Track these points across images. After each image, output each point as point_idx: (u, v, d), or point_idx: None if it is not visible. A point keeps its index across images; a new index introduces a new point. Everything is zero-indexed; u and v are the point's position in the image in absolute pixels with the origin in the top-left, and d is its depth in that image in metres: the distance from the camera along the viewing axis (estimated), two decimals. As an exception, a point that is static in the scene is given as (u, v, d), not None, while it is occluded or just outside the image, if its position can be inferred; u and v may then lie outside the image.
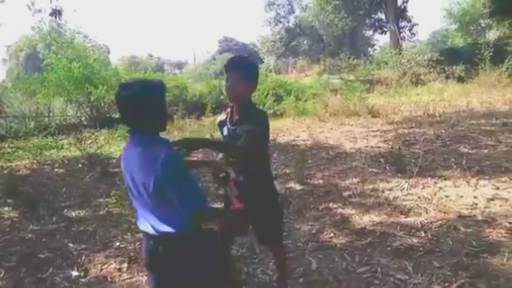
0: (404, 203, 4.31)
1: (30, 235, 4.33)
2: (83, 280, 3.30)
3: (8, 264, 3.66)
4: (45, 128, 10.18)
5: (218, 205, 4.37)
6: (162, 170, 1.73)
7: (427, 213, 4.02)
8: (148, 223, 1.89)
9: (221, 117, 2.55)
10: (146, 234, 1.92)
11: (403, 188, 4.75)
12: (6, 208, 5.25)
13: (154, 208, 1.85)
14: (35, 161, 7.76)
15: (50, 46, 15.28)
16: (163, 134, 1.95)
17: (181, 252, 1.87)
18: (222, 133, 2.49)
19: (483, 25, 25.46)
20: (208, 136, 8.73)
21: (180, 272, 1.88)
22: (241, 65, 2.36)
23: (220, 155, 2.50)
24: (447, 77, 15.81)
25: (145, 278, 3.24)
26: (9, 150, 8.77)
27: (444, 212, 3.98)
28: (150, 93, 1.83)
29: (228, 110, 2.49)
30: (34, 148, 8.61)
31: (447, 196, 4.39)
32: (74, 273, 3.41)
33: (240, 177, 2.31)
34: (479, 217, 3.78)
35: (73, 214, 4.91)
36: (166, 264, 1.90)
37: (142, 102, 1.79)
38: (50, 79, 12.24)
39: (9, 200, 5.50)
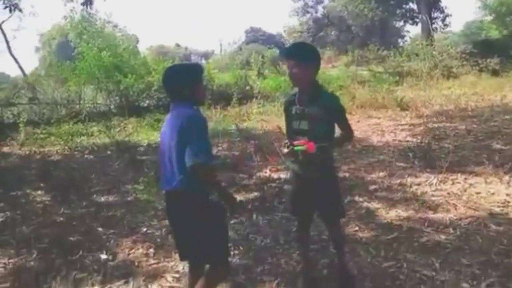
0: (433, 198, 4.22)
1: (61, 218, 4.48)
2: (112, 263, 3.39)
3: (40, 245, 3.80)
4: (76, 115, 10.43)
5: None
6: (186, 123, 2.14)
7: (456, 209, 3.93)
8: (166, 180, 2.27)
9: (288, 98, 2.73)
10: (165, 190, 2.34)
11: (432, 184, 4.65)
12: (39, 192, 5.44)
13: (172, 165, 2.19)
14: (66, 147, 8.00)
15: (81, 35, 15.55)
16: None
17: (183, 207, 2.24)
18: (289, 113, 2.65)
19: (520, 16, 24.30)
20: (233, 126, 8.77)
21: (185, 225, 2.28)
22: (302, 51, 2.58)
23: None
24: (480, 70, 15.30)
25: (171, 263, 3.31)
26: (42, 136, 9.06)
27: (474, 209, 3.88)
28: (186, 71, 2.38)
29: (295, 91, 2.65)
30: (66, 134, 8.86)
31: (477, 193, 4.28)
32: (103, 256, 3.51)
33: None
34: (511, 215, 3.67)
35: (102, 199, 5.05)
36: (176, 217, 2.34)
37: (180, 78, 2.30)
38: (81, 67, 12.51)
39: (41, 184, 5.71)
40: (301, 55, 2.51)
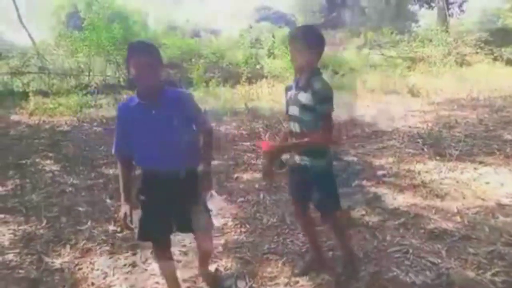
0: (441, 186, 4.21)
1: (70, 188, 4.52)
2: (119, 235, 3.43)
3: (50, 214, 3.86)
4: (85, 86, 10.42)
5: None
6: None
7: (464, 198, 3.91)
8: None
9: (290, 83, 2.63)
10: None
11: (441, 171, 4.63)
12: (48, 161, 5.49)
13: None
14: (75, 118, 8.02)
15: (91, 5, 15.38)
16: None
17: None
18: (286, 96, 2.59)
19: (540, 5, 23.64)
20: (242, 105, 8.75)
21: None
22: (303, 36, 2.40)
23: None
24: (495, 59, 15.03)
25: (176, 238, 3.33)
26: (51, 105, 9.07)
27: (483, 199, 3.86)
28: None
29: (297, 76, 2.53)
30: (75, 105, 8.87)
31: (487, 183, 4.25)
32: (111, 227, 3.55)
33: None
34: (520, 207, 3.66)
35: (111, 172, 5.07)
36: None
37: None
38: (91, 38, 12.40)
39: (50, 154, 5.75)
40: (302, 40, 2.36)
